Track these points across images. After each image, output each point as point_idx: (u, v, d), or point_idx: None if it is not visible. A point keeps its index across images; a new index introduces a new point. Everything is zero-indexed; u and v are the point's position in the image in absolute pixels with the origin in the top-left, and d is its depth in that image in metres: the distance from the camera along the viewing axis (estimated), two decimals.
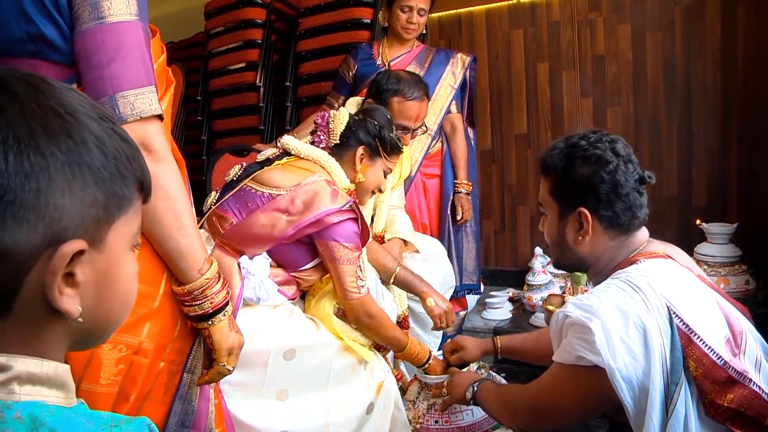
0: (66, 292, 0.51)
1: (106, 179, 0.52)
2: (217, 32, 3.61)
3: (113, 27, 0.97)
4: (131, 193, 0.56)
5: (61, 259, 0.50)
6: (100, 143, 0.52)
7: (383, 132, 1.83)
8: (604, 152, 1.18)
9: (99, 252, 0.54)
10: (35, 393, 0.52)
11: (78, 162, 0.50)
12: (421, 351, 1.81)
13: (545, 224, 1.32)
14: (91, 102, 0.55)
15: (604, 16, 3.09)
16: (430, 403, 1.70)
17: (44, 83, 0.52)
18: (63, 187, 0.49)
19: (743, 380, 1.02)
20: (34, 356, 0.52)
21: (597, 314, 1.04)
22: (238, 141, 3.38)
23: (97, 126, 0.53)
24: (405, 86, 2.09)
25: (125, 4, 0.98)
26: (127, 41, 0.98)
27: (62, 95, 0.52)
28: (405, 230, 2.29)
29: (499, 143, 3.42)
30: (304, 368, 1.62)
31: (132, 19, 0.99)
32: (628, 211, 1.19)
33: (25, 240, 0.48)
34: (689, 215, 2.85)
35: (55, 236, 0.50)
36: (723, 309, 1.12)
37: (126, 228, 0.56)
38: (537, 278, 2.87)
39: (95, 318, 0.56)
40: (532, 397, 1.23)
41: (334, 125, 1.80)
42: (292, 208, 1.59)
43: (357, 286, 1.66)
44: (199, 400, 1.19)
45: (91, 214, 0.52)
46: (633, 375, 1.01)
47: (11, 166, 0.47)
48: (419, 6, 2.48)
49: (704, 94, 2.91)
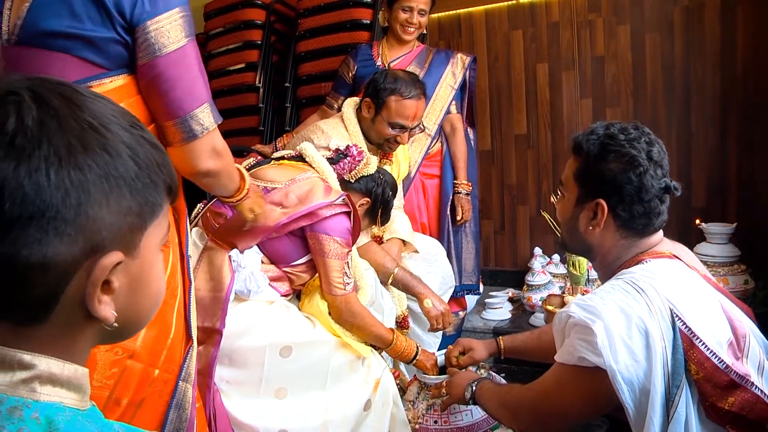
0: (103, 300, 0.54)
1: (139, 189, 0.54)
2: (216, 33, 3.61)
3: (177, 55, 1.09)
4: (161, 199, 0.58)
5: (101, 272, 0.52)
6: (133, 154, 0.54)
7: (389, 203, 1.95)
8: (639, 153, 1.15)
9: (133, 258, 0.56)
10: (54, 394, 0.53)
11: (114, 175, 0.52)
12: (407, 347, 1.82)
13: (560, 203, 1.31)
14: (120, 109, 0.57)
15: (604, 17, 3.09)
16: (429, 404, 1.70)
17: (77, 94, 0.53)
18: (101, 200, 0.51)
19: (745, 384, 1.01)
20: (60, 358, 0.54)
21: (600, 315, 1.04)
22: (238, 142, 3.37)
23: (129, 136, 0.54)
24: (402, 85, 2.10)
25: (181, 29, 1.09)
26: (188, 65, 1.11)
27: (95, 106, 0.54)
28: (404, 230, 2.30)
29: (498, 144, 3.42)
30: (302, 366, 1.62)
31: (188, 41, 1.11)
32: (645, 216, 1.18)
33: (66, 252, 0.50)
34: (688, 215, 2.86)
35: (94, 247, 0.52)
36: (727, 312, 1.12)
37: (157, 231, 0.59)
38: (536, 278, 2.87)
39: (127, 318, 0.58)
40: (533, 397, 1.23)
41: (362, 168, 1.87)
42: (285, 201, 1.63)
43: (342, 282, 1.68)
44: (192, 409, 1.21)
45: (126, 224, 0.54)
46: (634, 377, 1.01)
47: (53, 182, 0.48)
48: (420, 7, 2.49)
49: (703, 95, 2.91)
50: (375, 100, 2.12)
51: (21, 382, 0.51)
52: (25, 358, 0.52)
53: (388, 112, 2.09)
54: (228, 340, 1.58)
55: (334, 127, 2.14)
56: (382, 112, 2.11)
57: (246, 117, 3.50)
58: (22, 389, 0.51)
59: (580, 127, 3.14)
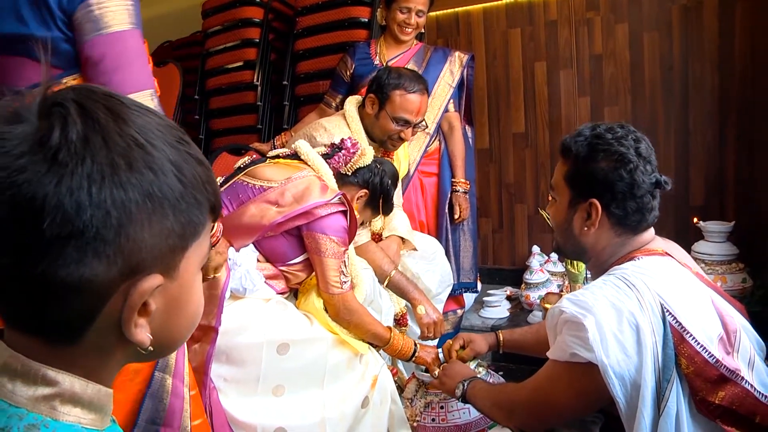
0: (140, 323, 0.52)
1: (183, 210, 0.52)
2: (214, 31, 3.61)
3: (116, 36, 1.07)
4: (205, 218, 0.55)
5: (140, 296, 0.50)
6: (179, 172, 0.51)
7: (391, 191, 1.92)
8: (628, 150, 1.17)
9: (172, 280, 0.53)
10: (73, 414, 0.52)
11: (158, 195, 0.50)
12: (405, 345, 1.82)
13: (552, 208, 1.31)
14: (167, 123, 0.54)
15: (602, 16, 3.09)
16: (426, 401, 1.71)
17: (123, 107, 0.51)
18: (142, 221, 0.49)
19: (735, 378, 1.02)
20: (86, 378, 0.53)
21: (591, 311, 1.04)
22: (236, 140, 3.37)
23: (176, 152, 0.52)
24: (406, 80, 2.11)
25: (126, 14, 1.08)
26: (134, 50, 1.09)
27: (141, 120, 0.51)
28: (403, 228, 2.30)
29: (496, 142, 3.42)
30: (299, 363, 1.62)
31: (131, 27, 1.09)
32: (639, 212, 1.18)
33: (105, 274, 0.48)
34: (686, 214, 2.86)
35: (133, 269, 0.49)
36: (718, 307, 1.12)
37: (198, 251, 0.56)
38: (534, 277, 2.88)
39: (162, 339, 0.55)
40: (527, 395, 1.23)
41: (358, 159, 1.84)
42: (281, 200, 1.63)
43: (339, 281, 1.68)
44: (171, 399, 1.21)
45: (168, 245, 0.51)
46: (625, 372, 1.02)
47: (94, 201, 0.46)
48: (418, 7, 2.48)
49: (701, 93, 2.91)
50: (379, 96, 2.12)
51: (42, 399, 0.50)
52: (49, 374, 0.51)
53: (393, 107, 2.10)
54: (225, 338, 1.58)
55: (336, 125, 2.14)
56: (386, 107, 2.11)
57: (244, 115, 3.50)
58: (43, 406, 0.50)
59: (578, 125, 3.11)
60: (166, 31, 4.71)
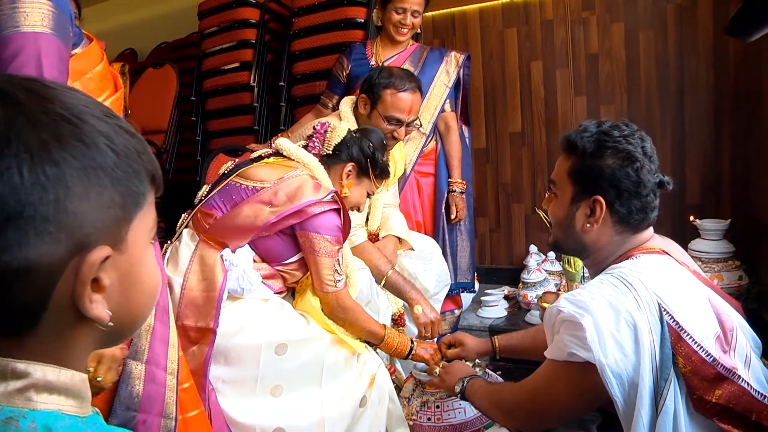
0: (95, 299, 0.51)
1: (121, 178, 0.52)
2: (210, 32, 3.61)
3: (34, 38, 1.06)
4: (145, 188, 0.55)
5: (89, 269, 0.49)
6: (110, 143, 0.51)
7: (376, 154, 1.86)
8: (635, 149, 1.16)
9: (121, 253, 0.53)
10: (51, 402, 0.51)
11: (93, 166, 0.49)
12: (401, 343, 1.81)
13: (552, 204, 1.29)
14: (93, 99, 0.54)
15: (597, 15, 3.10)
16: (423, 400, 1.71)
17: (45, 87, 0.51)
18: (81, 193, 0.48)
19: (732, 377, 1.02)
20: (56, 365, 0.52)
21: (589, 310, 1.04)
22: (233, 141, 3.37)
23: (105, 125, 0.52)
24: (397, 79, 2.10)
25: (44, 18, 1.07)
26: (48, 54, 1.07)
27: (65, 97, 0.51)
28: (399, 228, 2.30)
29: (493, 142, 3.42)
30: (297, 363, 1.62)
31: (50, 32, 1.08)
32: (642, 211, 1.18)
33: (51, 253, 0.47)
34: (683, 212, 2.87)
35: (79, 245, 0.49)
36: (715, 306, 1.12)
37: (144, 224, 0.56)
38: (532, 276, 2.88)
39: (122, 316, 0.55)
40: (526, 395, 1.23)
41: (331, 136, 1.83)
42: (275, 200, 1.63)
43: (334, 280, 1.69)
44: (146, 385, 1.22)
45: (110, 216, 0.51)
46: (623, 371, 1.02)
47: (27, 180, 0.45)
48: (413, 8, 2.49)
49: (697, 92, 2.92)
50: (370, 96, 2.12)
51: (16, 392, 0.49)
52: (18, 366, 0.50)
53: (384, 107, 2.10)
54: (223, 339, 1.58)
55: None
56: (377, 107, 2.11)
57: (241, 116, 3.50)
58: (18, 399, 0.49)
59: (574, 124, 3.13)
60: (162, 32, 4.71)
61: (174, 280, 1.64)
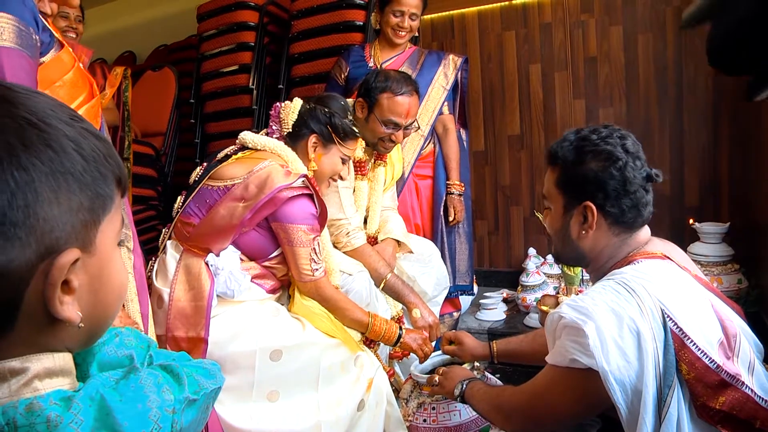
0: (65, 300, 0.52)
1: (89, 183, 0.52)
2: (209, 35, 3.61)
3: None
4: (112, 191, 0.56)
5: (59, 272, 0.50)
6: (78, 147, 0.52)
7: (334, 119, 1.83)
8: (615, 148, 1.17)
9: (90, 255, 0.54)
10: (56, 384, 0.53)
11: (61, 171, 0.50)
12: (388, 330, 1.81)
13: (548, 217, 1.31)
14: (58, 102, 0.55)
15: (596, 18, 3.10)
16: (419, 402, 1.70)
17: (8, 91, 0.51)
18: (50, 198, 0.49)
19: (736, 383, 1.01)
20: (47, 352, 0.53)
21: (591, 316, 1.04)
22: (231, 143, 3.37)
23: (71, 129, 0.52)
24: (393, 82, 2.09)
25: (6, 32, 1.07)
26: (12, 69, 1.06)
27: (30, 101, 0.51)
28: (398, 231, 2.30)
29: (491, 144, 3.42)
30: (293, 368, 1.62)
31: (16, 47, 1.08)
32: (634, 208, 1.19)
33: (20, 257, 0.48)
34: (682, 215, 2.87)
35: (48, 248, 0.49)
36: (717, 312, 1.12)
37: (111, 226, 0.57)
38: (531, 279, 2.88)
39: (93, 316, 0.56)
40: (526, 399, 1.22)
41: (285, 114, 1.83)
42: (246, 194, 1.63)
43: (311, 269, 1.69)
44: None
45: (79, 220, 0.52)
46: (626, 378, 1.01)
47: None
48: (411, 11, 2.49)
49: (696, 95, 2.92)
50: (367, 99, 2.11)
51: (22, 387, 0.51)
52: (15, 365, 0.51)
53: (381, 110, 2.09)
54: (218, 347, 1.58)
55: None
56: (374, 111, 2.10)
57: (239, 119, 3.50)
58: (26, 391, 0.51)
59: (573, 127, 3.14)
60: (161, 34, 4.71)
61: (164, 291, 1.64)
